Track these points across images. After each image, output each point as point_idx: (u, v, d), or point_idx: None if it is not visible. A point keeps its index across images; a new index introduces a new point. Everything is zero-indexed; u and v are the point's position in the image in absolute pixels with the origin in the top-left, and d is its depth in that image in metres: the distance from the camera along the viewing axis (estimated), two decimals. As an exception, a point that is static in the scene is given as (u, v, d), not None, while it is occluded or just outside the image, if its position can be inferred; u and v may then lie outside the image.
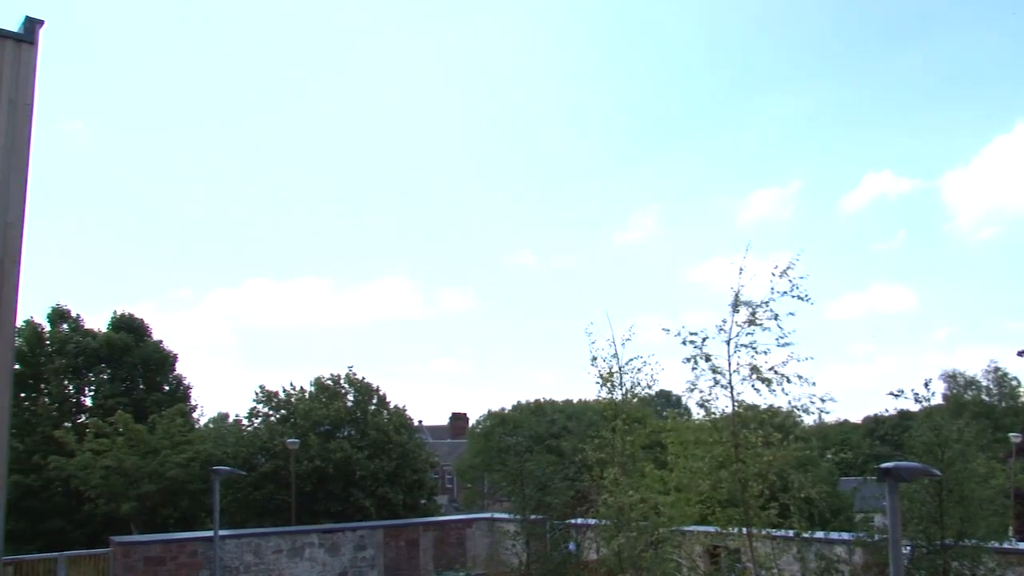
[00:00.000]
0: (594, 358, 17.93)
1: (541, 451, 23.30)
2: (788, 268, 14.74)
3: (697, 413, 16.61)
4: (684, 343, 15.33)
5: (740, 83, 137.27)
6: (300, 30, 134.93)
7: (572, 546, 20.93)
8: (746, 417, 14.98)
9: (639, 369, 17.84)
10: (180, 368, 48.88)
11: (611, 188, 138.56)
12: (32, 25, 19.14)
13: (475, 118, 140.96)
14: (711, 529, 16.08)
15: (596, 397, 19.51)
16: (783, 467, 14.47)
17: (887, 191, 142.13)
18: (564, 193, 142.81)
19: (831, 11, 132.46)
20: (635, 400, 18.23)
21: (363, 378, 43.23)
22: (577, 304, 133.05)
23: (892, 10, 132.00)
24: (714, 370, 15.13)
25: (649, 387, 17.98)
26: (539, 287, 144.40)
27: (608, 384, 17.85)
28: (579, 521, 20.34)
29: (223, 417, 60.48)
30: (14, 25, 19.36)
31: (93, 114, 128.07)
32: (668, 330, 15.56)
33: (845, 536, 16.93)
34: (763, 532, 14.86)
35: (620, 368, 17.81)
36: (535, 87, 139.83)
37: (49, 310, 47.67)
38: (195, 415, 46.50)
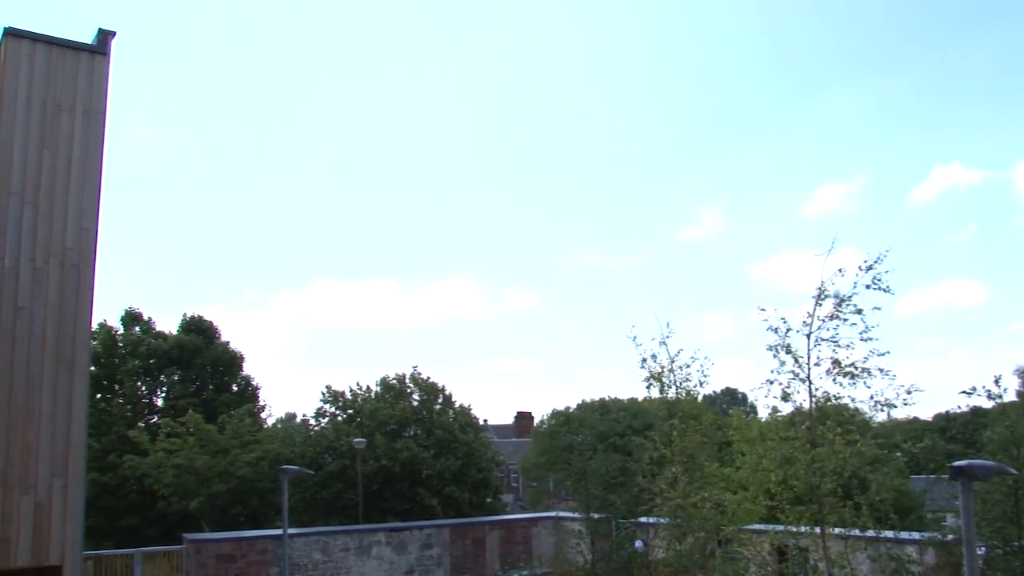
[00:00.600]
0: (643, 360, 17.84)
1: (605, 450, 23.22)
2: (876, 262, 14.54)
3: (765, 409, 16.47)
4: (769, 330, 15.21)
5: (804, 78, 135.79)
6: (361, 32, 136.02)
7: (639, 544, 20.85)
8: (824, 411, 14.82)
9: (687, 366, 17.73)
10: (248, 369, 49.68)
11: (675, 185, 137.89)
12: (104, 37, 19.60)
13: (540, 116, 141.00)
14: (779, 527, 15.91)
15: (647, 396, 19.44)
16: (859, 465, 14.26)
17: (957, 183, 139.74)
18: (628, 191, 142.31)
19: (895, 3, 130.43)
20: (690, 397, 18.10)
21: (428, 378, 43.52)
22: (641, 302, 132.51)
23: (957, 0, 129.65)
24: (795, 359, 14.96)
25: (701, 383, 17.84)
26: (603, 285, 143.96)
27: (659, 383, 17.74)
28: (645, 520, 20.24)
29: (291, 417, 61.23)
30: (87, 37, 19.86)
31: (162, 120, 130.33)
32: (763, 308, 15.39)
33: (916, 536, 16.65)
34: (835, 531, 14.67)
35: (671, 366, 17.69)
36: (600, 85, 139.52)
37: (122, 313, 48.73)
38: (263, 415, 47.21)
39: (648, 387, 18.19)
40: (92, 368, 20.13)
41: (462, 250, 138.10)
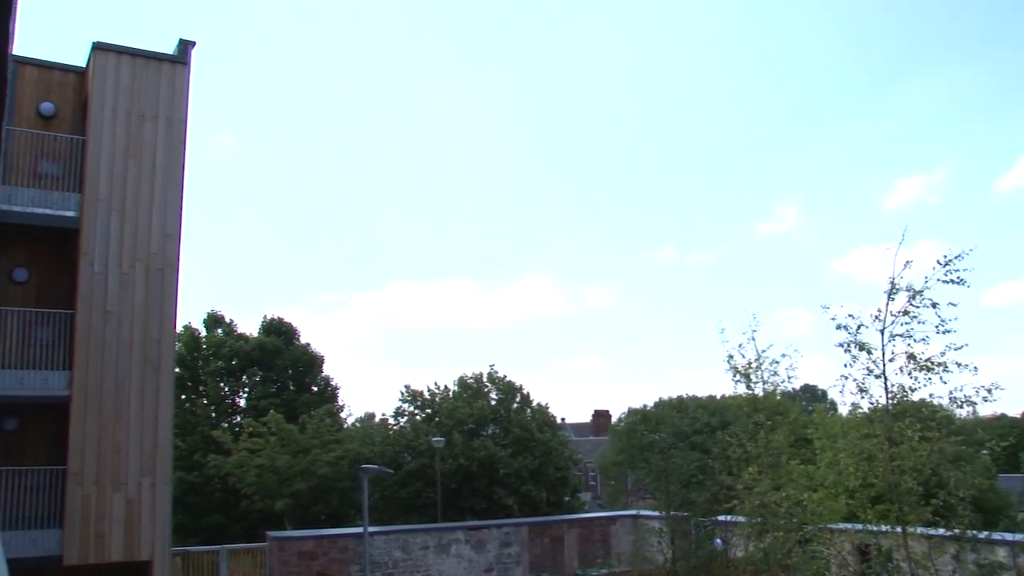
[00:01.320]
0: (730, 356, 17.72)
1: (684, 448, 23.11)
2: (957, 257, 14.21)
3: (844, 406, 16.24)
4: (838, 328, 15.01)
5: (882, 68, 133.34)
6: (433, 31, 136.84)
7: (718, 543, 20.72)
8: (901, 408, 14.57)
9: (776, 362, 17.57)
10: (328, 369, 50.30)
11: (752, 179, 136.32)
12: (184, 47, 20.12)
13: (616, 113, 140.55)
14: (859, 527, 15.68)
15: (733, 392, 19.31)
16: (940, 462, 13.99)
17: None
18: (705, 186, 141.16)
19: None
20: (775, 394, 17.94)
21: (505, 376, 43.66)
22: (719, 298, 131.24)
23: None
24: (868, 354, 14.73)
25: (788, 379, 17.67)
26: (681, 282, 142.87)
27: (745, 379, 17.61)
28: (724, 518, 20.11)
29: (370, 416, 61.83)
30: (169, 47, 20.37)
31: (241, 126, 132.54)
32: (827, 307, 15.19)
33: (1008, 537, 16.25)
34: (918, 531, 14.41)
35: (758, 362, 17.56)
36: (675, 80, 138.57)
37: (205, 316, 49.78)
38: (343, 415, 47.75)
39: (736, 383, 18.08)
40: (176, 370, 20.61)
41: (540, 249, 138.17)
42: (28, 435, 19.19)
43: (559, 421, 46.25)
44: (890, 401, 14.53)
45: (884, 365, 14.59)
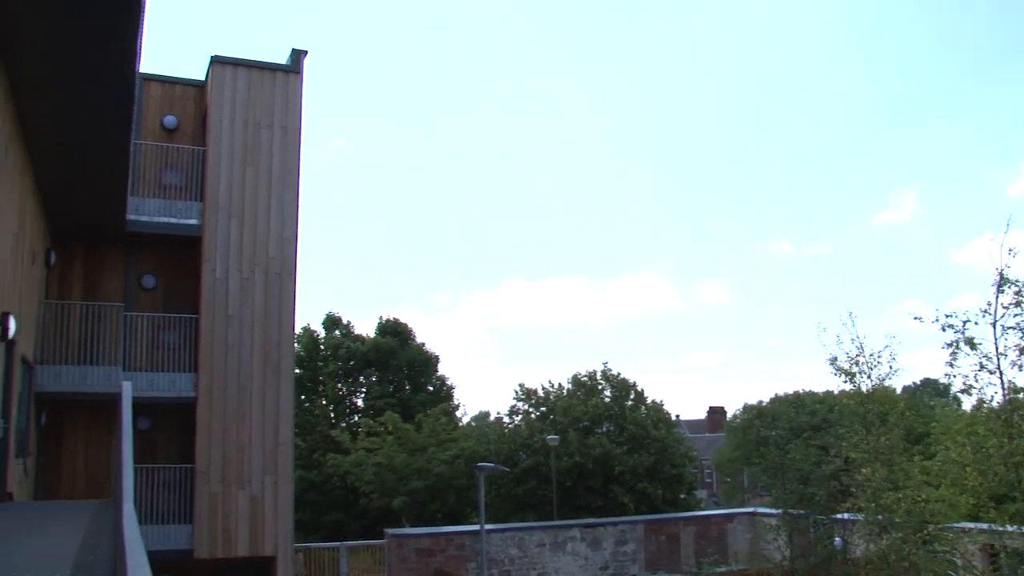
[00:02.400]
0: (834, 358, 17.35)
1: (800, 443, 22.70)
2: None
3: (965, 401, 15.79)
4: (943, 329, 14.59)
5: (1004, 48, 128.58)
6: (539, 29, 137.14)
7: (838, 541, 20.33)
8: (1019, 403, 14.07)
9: (878, 355, 17.16)
10: (442, 369, 50.98)
11: (867, 168, 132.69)
12: (297, 56, 20.69)
13: (724, 106, 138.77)
14: (984, 526, 15.19)
15: (840, 389, 18.93)
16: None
17: None
18: (818, 177, 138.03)
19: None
20: (883, 389, 17.53)
21: (619, 374, 43.59)
22: (835, 291, 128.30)
23: None
24: (978, 351, 14.27)
25: (891, 374, 17.21)
26: (796, 275, 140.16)
27: (849, 377, 17.23)
28: (843, 516, 19.71)
29: (484, 415, 62.51)
30: (283, 56, 20.96)
31: (355, 129, 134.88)
32: (921, 318, 14.84)
33: None
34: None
35: (862, 358, 17.15)
36: (785, 67, 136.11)
37: (323, 318, 50.94)
38: (458, 414, 48.29)
39: (843, 380, 17.74)
40: (296, 371, 21.18)
41: (651, 245, 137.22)
42: (159, 434, 19.99)
43: (674, 418, 45.92)
44: (1006, 395, 14.06)
45: (998, 359, 14.10)
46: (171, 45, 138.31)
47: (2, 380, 12.78)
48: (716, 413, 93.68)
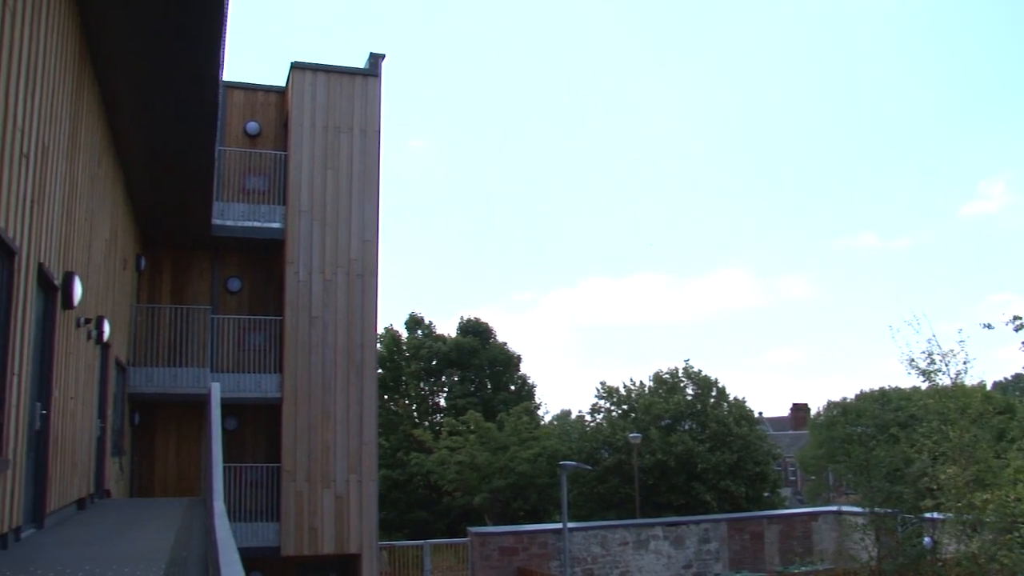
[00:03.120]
0: (911, 359, 17.04)
1: (887, 441, 22.26)
2: None
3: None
4: (1017, 330, 14.25)
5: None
6: (628, 29, 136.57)
7: (928, 541, 19.92)
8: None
9: (958, 351, 16.81)
10: (524, 368, 51.08)
11: (954, 158, 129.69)
12: (375, 60, 20.97)
13: (806, 98, 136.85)
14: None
15: (918, 386, 18.60)
16: None
17: None
18: (903, 168, 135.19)
19: None
20: (961, 386, 17.17)
21: (701, 371, 43.30)
22: (921, 285, 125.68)
23: None
24: None
25: (966, 370, 16.84)
26: (881, 269, 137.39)
27: (925, 375, 16.90)
28: (932, 515, 19.29)
29: (566, 413, 62.49)
30: (361, 60, 21.27)
31: (435, 130, 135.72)
32: (990, 326, 14.50)
33: None
34: None
35: (938, 355, 16.80)
36: (866, 59, 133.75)
37: (405, 318, 51.48)
38: (540, 412, 48.39)
39: (923, 379, 17.45)
40: (379, 371, 21.46)
41: (733, 241, 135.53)
42: (246, 434, 20.44)
43: (756, 415, 45.44)
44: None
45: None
46: (252, 53, 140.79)
47: (98, 381, 13.19)
48: (799, 410, 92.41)
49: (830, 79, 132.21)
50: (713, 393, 42.43)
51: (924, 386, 17.39)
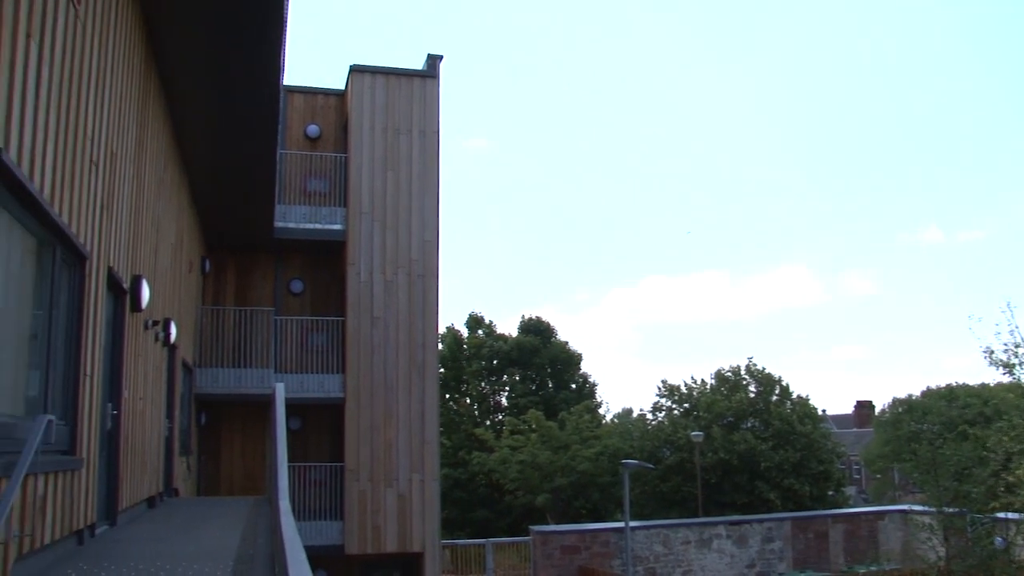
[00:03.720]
0: (990, 350, 16.75)
1: (954, 438, 21.93)
2: None
3: None
4: None
5: None
6: (685, 27, 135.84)
7: (1000, 541, 19.55)
8: None
9: None
10: (585, 366, 51.08)
11: (1022, 146, 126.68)
12: (433, 61, 21.12)
13: (868, 90, 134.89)
14: None
15: (998, 382, 18.29)
16: None
17: None
18: (970, 159, 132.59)
19: None
20: None
21: (763, 369, 42.96)
22: (990, 279, 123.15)
23: None
24: None
25: None
26: (947, 264, 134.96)
27: (1010, 368, 16.61)
28: (1004, 515, 18.90)
29: (627, 412, 62.25)
30: (419, 63, 21.43)
31: (494, 129, 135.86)
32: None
33: None
34: None
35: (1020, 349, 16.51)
36: (934, 49, 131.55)
37: (466, 318, 51.70)
38: (601, 411, 48.36)
39: (1001, 372, 17.17)
40: (440, 370, 21.63)
41: (794, 237, 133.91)
42: (310, 433, 20.71)
43: (820, 413, 44.92)
44: None
45: None
46: (311, 57, 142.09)
47: (166, 382, 13.45)
48: (863, 407, 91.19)
49: (891, 68, 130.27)
50: (776, 391, 42.07)
51: (1004, 379, 17.07)
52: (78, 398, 7.34)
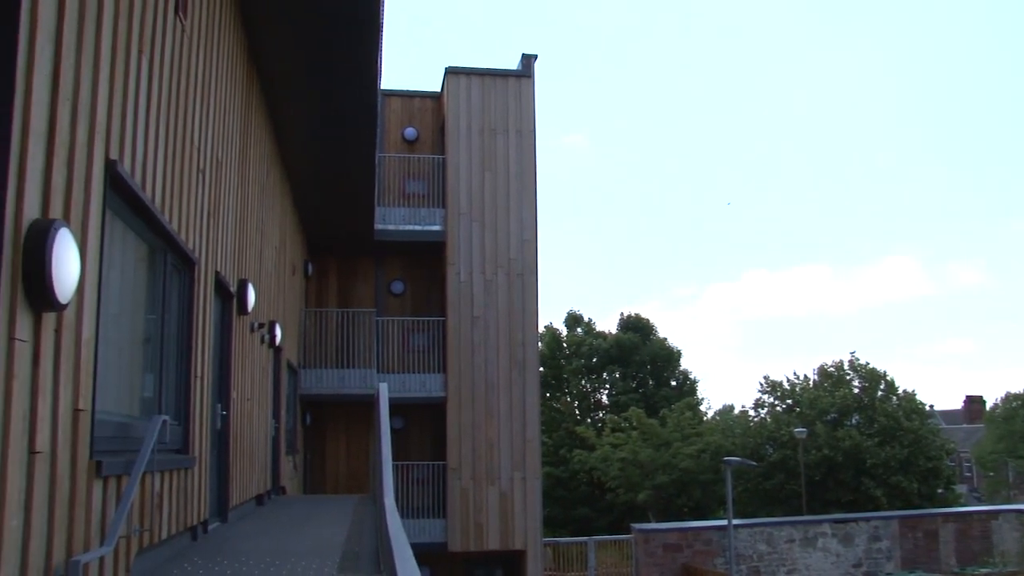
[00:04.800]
0: None
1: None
2: None
3: None
4: None
5: None
6: (784, 15, 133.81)
7: None
8: None
9: None
10: (685, 363, 50.72)
11: None
12: (528, 61, 21.22)
13: (976, 74, 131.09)
14: None
15: None
16: None
17: None
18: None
19: None
20: None
21: (867, 363, 42.10)
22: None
23: None
24: None
25: None
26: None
27: None
28: None
29: (729, 409, 61.60)
30: (514, 62, 21.57)
31: (591, 125, 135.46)
32: None
33: None
34: None
35: None
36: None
37: (565, 316, 51.73)
38: (702, 408, 47.93)
39: None
40: (540, 369, 21.71)
41: (898, 228, 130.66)
42: (411, 433, 21.00)
43: (927, 408, 43.81)
44: None
45: None
46: (407, 61, 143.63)
47: (272, 384, 13.78)
48: (974, 402, 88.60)
49: (996, 52, 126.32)
50: (881, 386, 41.16)
51: None
52: (189, 399, 7.60)
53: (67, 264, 4.09)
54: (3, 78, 3.74)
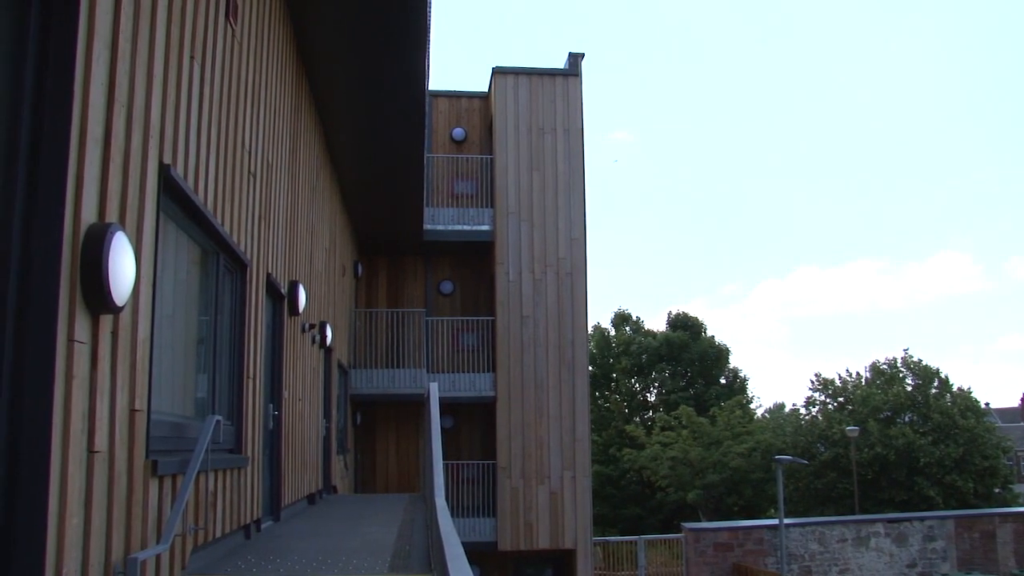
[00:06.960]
0: None
1: None
2: None
3: None
4: None
5: None
6: (834, 9, 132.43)
7: None
8: None
9: None
10: (735, 361, 50.43)
11: None
12: (575, 59, 21.22)
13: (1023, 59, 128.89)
14: None
15: None
16: None
17: None
18: None
19: None
20: None
21: (921, 360, 41.57)
22: None
23: None
24: None
25: None
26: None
27: None
28: None
29: (780, 407, 61.14)
30: (561, 61, 21.58)
31: (638, 121, 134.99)
32: None
33: None
34: None
35: None
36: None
37: (613, 315, 51.69)
38: (752, 406, 47.63)
39: None
40: (589, 368, 21.67)
41: (951, 223, 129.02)
42: (461, 432, 21.09)
43: (983, 406, 43.13)
44: None
45: None
46: (455, 61, 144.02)
47: (323, 384, 13.91)
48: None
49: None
50: (935, 383, 40.63)
51: None
52: (242, 399, 7.70)
53: (123, 267, 4.17)
54: (62, 85, 3.82)
